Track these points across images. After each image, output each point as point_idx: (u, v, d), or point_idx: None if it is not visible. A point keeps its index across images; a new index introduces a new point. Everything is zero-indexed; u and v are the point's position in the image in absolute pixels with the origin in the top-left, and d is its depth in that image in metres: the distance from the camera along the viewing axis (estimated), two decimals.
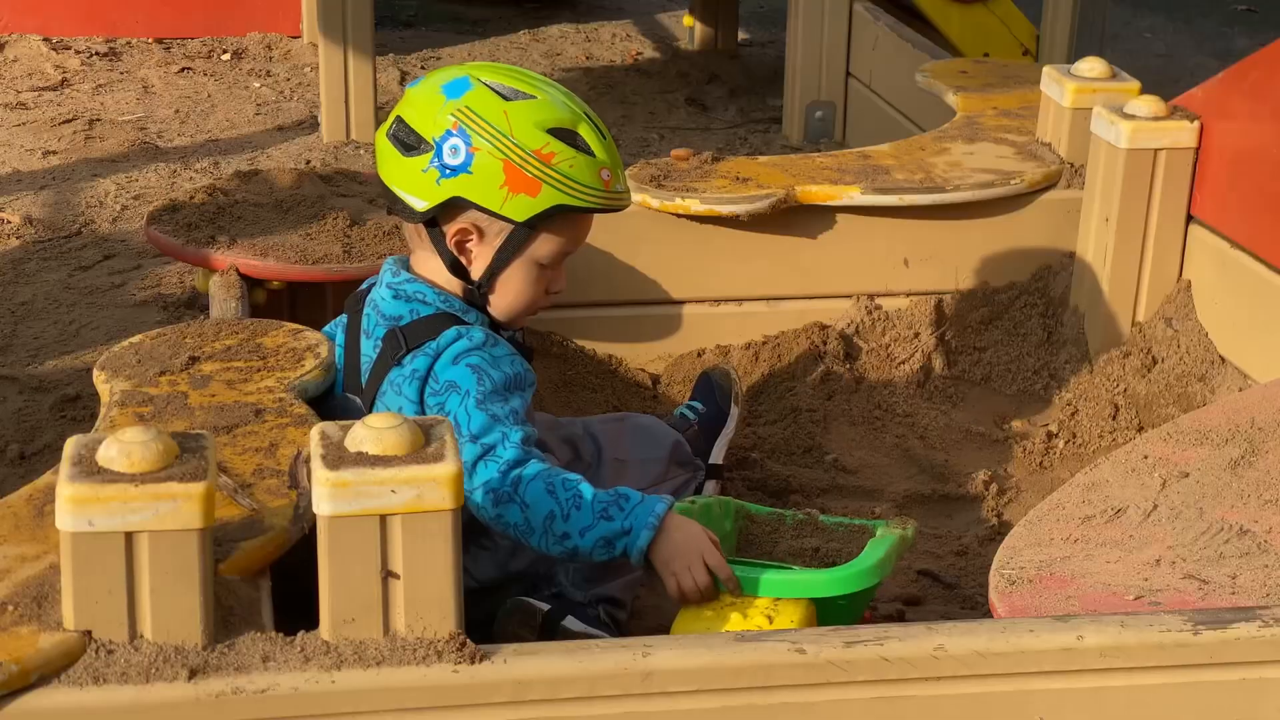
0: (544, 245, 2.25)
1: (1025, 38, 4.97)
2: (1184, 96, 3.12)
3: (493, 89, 2.20)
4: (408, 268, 2.32)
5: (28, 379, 3.17)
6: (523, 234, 2.22)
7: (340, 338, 2.36)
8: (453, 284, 2.28)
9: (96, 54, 5.43)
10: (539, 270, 2.27)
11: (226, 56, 5.49)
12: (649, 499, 2.07)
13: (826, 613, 2.10)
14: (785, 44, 4.97)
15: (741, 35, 6.01)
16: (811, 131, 4.87)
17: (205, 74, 5.33)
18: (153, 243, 2.80)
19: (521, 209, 2.19)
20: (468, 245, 2.24)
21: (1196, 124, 3.02)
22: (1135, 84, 3.25)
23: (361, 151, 4.57)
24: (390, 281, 2.29)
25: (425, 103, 2.20)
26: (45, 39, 5.49)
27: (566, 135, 2.20)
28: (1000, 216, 3.22)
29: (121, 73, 5.30)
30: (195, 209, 2.83)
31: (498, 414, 2.13)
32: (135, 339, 2.32)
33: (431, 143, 2.18)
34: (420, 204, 2.20)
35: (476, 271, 2.26)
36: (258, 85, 5.25)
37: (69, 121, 4.79)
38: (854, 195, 3.12)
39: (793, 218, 3.14)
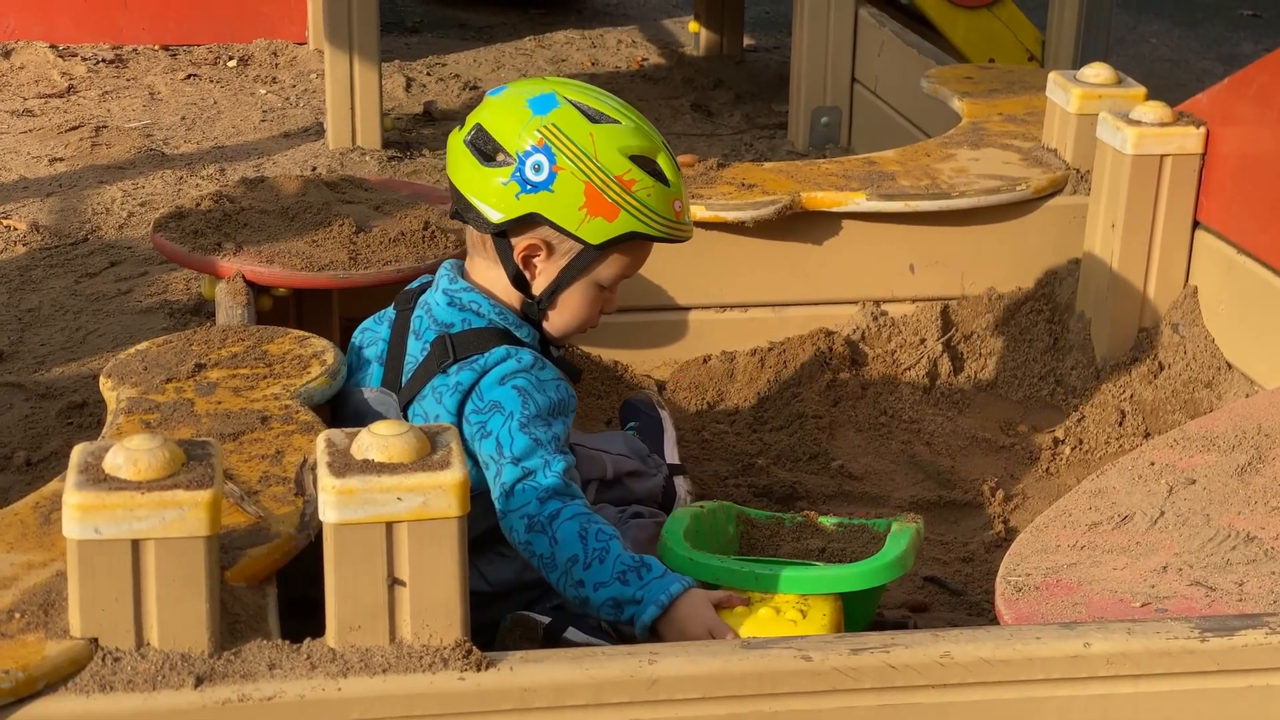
0: (608, 268, 2.27)
1: (1031, 43, 4.98)
2: (1190, 102, 3.11)
3: (579, 109, 2.21)
4: (464, 274, 2.32)
5: (34, 386, 3.17)
6: (591, 255, 2.24)
7: (385, 333, 2.36)
8: (511, 296, 2.29)
9: (103, 61, 5.44)
10: (598, 291, 2.28)
11: (232, 63, 5.50)
12: (670, 575, 2.06)
13: (848, 608, 2.11)
14: (790, 49, 4.98)
15: (747, 41, 6.01)
16: (817, 137, 4.87)
17: (211, 81, 5.33)
18: (159, 249, 2.80)
19: (597, 232, 2.21)
20: (534, 260, 2.25)
21: (1202, 129, 3.02)
22: (1141, 89, 3.25)
23: (367, 158, 4.57)
24: (447, 288, 2.30)
25: (509, 115, 2.21)
26: (52, 46, 5.50)
27: (647, 163, 2.22)
28: (1006, 222, 3.22)
29: (128, 79, 5.31)
30: (201, 216, 2.83)
31: (540, 438, 2.14)
32: (142, 346, 2.32)
33: (514, 156, 2.19)
34: (496, 215, 2.21)
35: (538, 287, 2.27)
36: (264, 92, 5.26)
37: (75, 128, 4.79)
38: (860, 201, 3.12)
39: (798, 224, 3.14)
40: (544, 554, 2.08)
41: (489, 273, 2.29)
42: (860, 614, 2.16)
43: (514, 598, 2.27)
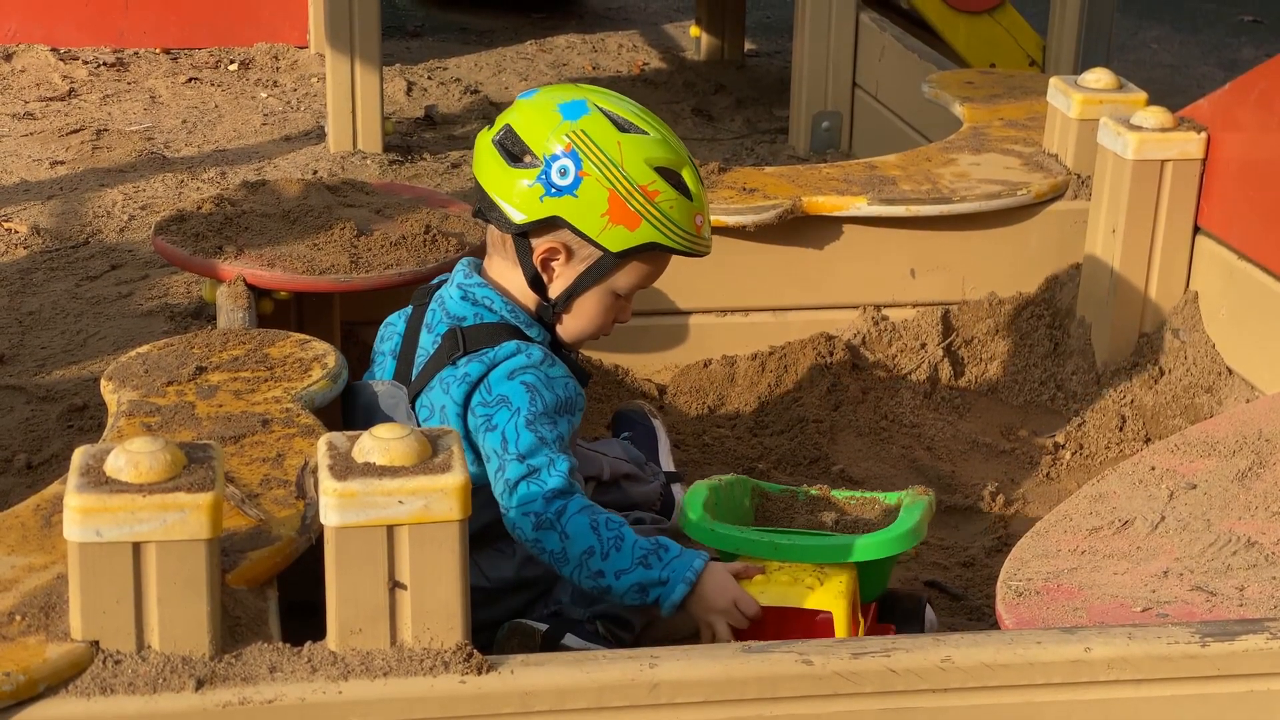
0: (625, 277, 2.28)
1: (1032, 48, 4.98)
2: (1191, 108, 3.12)
3: (609, 117, 2.23)
4: (480, 271, 2.34)
5: (35, 389, 3.17)
6: (609, 263, 2.25)
7: (401, 327, 2.38)
8: (526, 297, 2.30)
9: (104, 64, 5.44)
10: (613, 299, 2.30)
11: (233, 67, 5.50)
12: (687, 552, 2.10)
13: (862, 578, 2.16)
14: (791, 54, 4.98)
15: (748, 45, 6.01)
16: (818, 142, 4.88)
17: (212, 84, 5.34)
18: (160, 253, 2.80)
19: (617, 240, 2.22)
20: (553, 264, 2.26)
21: (1203, 135, 3.02)
22: (1142, 95, 3.25)
23: (368, 162, 4.57)
24: (461, 282, 2.31)
25: (539, 118, 2.22)
26: (53, 49, 5.50)
27: (672, 176, 2.23)
28: (1007, 227, 3.22)
29: (129, 83, 5.31)
30: (202, 219, 2.84)
31: (545, 436, 2.16)
32: (143, 349, 2.32)
33: (541, 159, 2.20)
34: (518, 216, 2.22)
35: (555, 290, 2.28)
36: (265, 95, 5.26)
37: (76, 131, 4.79)
38: (861, 206, 3.12)
39: (799, 228, 3.14)
40: (554, 550, 2.10)
41: (507, 272, 2.30)
42: (873, 584, 2.21)
43: (514, 595, 2.28)
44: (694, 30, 5.95)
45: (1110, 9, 4.79)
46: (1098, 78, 3.29)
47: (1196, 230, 3.08)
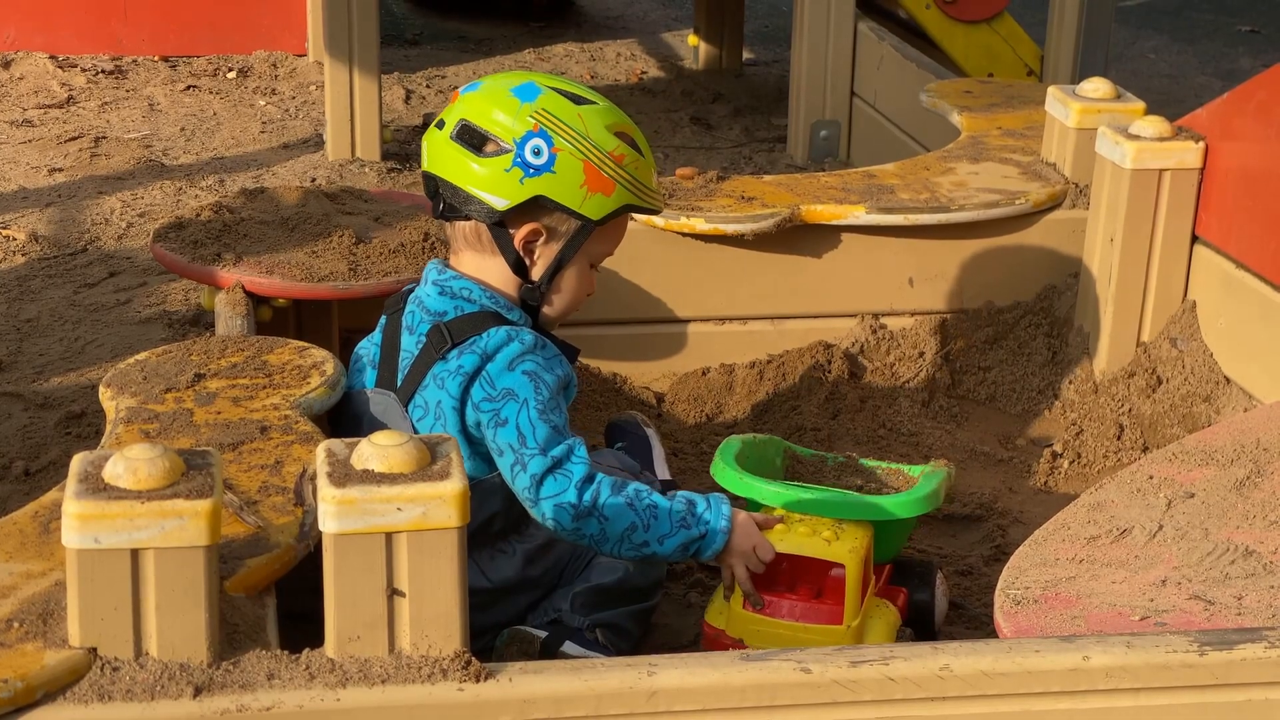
0: (600, 244, 2.34)
1: (1030, 58, 4.98)
2: (1188, 117, 3.12)
3: (561, 93, 2.27)
4: (451, 268, 2.35)
5: (33, 395, 3.17)
6: (586, 233, 2.30)
7: (378, 336, 2.38)
8: (507, 284, 2.32)
9: (103, 72, 5.45)
10: (588, 270, 2.35)
11: (232, 74, 5.51)
12: (713, 501, 2.20)
13: (878, 540, 2.27)
14: (790, 63, 4.98)
15: (746, 54, 6.02)
16: (816, 151, 4.88)
17: (211, 92, 5.34)
18: (159, 260, 2.80)
19: (597, 208, 2.27)
20: (534, 246, 2.30)
21: (1201, 144, 3.03)
22: (1140, 104, 3.26)
23: (366, 169, 4.57)
24: (436, 279, 2.33)
25: (496, 105, 2.25)
26: (52, 56, 5.50)
27: (628, 139, 2.30)
28: (1005, 236, 3.22)
29: (127, 90, 5.31)
30: (201, 226, 2.84)
31: (558, 424, 2.20)
32: (141, 356, 2.32)
33: (511, 144, 2.23)
34: (501, 203, 2.25)
35: (538, 272, 2.32)
36: (263, 103, 5.26)
37: (75, 139, 4.80)
38: (859, 214, 3.13)
39: (798, 237, 3.14)
40: (594, 533, 2.16)
41: (483, 264, 2.32)
42: (889, 546, 2.32)
43: (517, 595, 2.28)
44: (692, 39, 5.95)
45: (1108, 18, 4.80)
46: (1096, 87, 3.30)
47: (1194, 239, 3.08)
